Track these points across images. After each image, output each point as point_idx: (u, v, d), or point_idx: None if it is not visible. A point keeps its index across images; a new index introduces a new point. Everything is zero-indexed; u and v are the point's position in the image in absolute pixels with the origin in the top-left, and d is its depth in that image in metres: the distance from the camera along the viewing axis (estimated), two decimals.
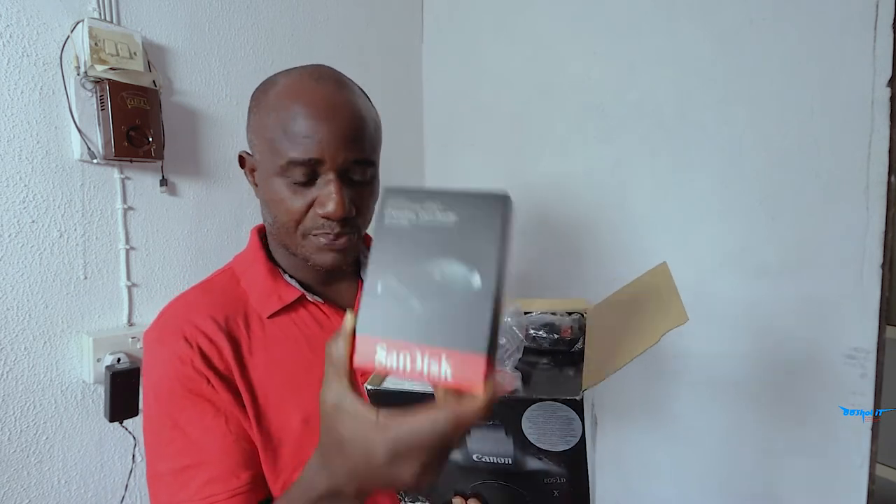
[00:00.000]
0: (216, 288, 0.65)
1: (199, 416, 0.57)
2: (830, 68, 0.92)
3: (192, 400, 0.57)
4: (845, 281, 0.92)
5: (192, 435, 0.56)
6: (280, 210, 0.60)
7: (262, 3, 1.17)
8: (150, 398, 0.59)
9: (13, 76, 0.84)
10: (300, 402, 0.60)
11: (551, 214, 1.30)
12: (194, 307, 0.62)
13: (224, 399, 0.58)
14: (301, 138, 0.56)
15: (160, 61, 1.00)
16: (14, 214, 0.85)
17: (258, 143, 0.61)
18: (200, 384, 0.57)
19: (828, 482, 0.96)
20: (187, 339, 0.58)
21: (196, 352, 0.58)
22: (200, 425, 0.57)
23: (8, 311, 0.84)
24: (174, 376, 0.57)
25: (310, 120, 0.56)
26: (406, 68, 1.53)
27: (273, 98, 0.59)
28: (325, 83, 0.59)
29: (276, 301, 0.63)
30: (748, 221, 1.02)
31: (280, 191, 0.59)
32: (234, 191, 1.13)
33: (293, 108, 0.57)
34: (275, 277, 0.65)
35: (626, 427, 1.20)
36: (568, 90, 1.25)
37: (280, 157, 0.57)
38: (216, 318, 0.61)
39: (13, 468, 0.85)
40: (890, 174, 0.88)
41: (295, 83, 0.59)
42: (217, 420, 0.57)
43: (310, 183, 0.58)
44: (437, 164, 1.57)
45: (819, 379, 0.96)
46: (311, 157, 0.56)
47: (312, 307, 0.65)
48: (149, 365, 0.61)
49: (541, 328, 0.63)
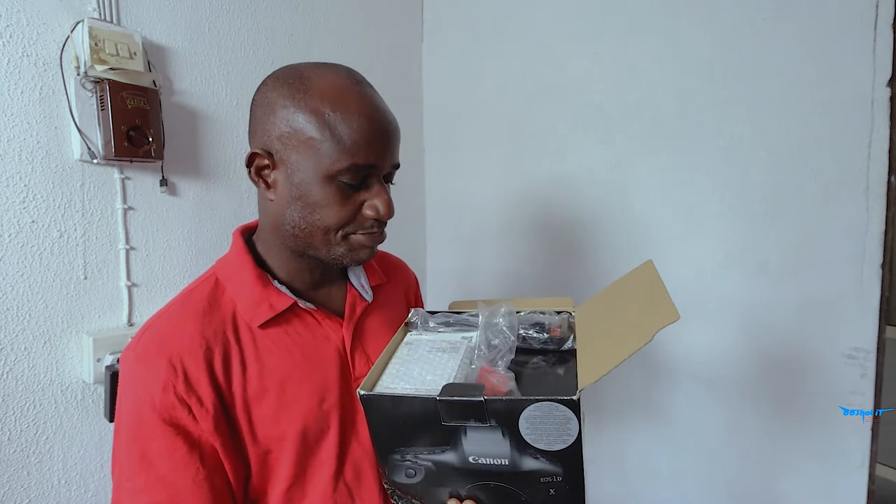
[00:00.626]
0: (200, 300, 0.61)
1: (170, 450, 0.54)
2: (830, 68, 0.92)
3: (165, 431, 0.54)
4: (845, 281, 0.92)
5: (160, 470, 0.53)
6: (328, 213, 0.57)
7: (262, 3, 1.17)
8: (122, 422, 0.56)
9: (13, 76, 0.84)
10: (295, 414, 0.59)
11: (551, 214, 1.30)
12: (179, 322, 0.58)
13: (204, 429, 0.55)
14: (362, 144, 0.56)
15: (160, 61, 1.00)
16: (14, 214, 0.85)
17: (296, 142, 0.56)
18: (180, 413, 0.54)
19: (828, 482, 0.96)
20: (171, 362, 0.55)
21: (180, 376, 0.55)
22: (171, 461, 0.54)
23: (8, 311, 0.84)
24: (150, 403, 0.54)
25: (367, 126, 0.56)
26: (406, 68, 1.53)
27: (317, 98, 0.56)
28: (366, 88, 0.59)
29: (266, 309, 0.60)
30: (748, 221, 1.02)
31: (329, 193, 0.57)
32: (234, 191, 1.13)
33: (347, 112, 0.55)
34: (264, 284, 0.62)
35: (626, 427, 1.20)
36: (568, 90, 1.25)
37: (333, 160, 0.55)
38: (204, 334, 0.57)
39: (13, 468, 0.85)
40: (890, 174, 0.88)
41: (339, 85, 0.57)
42: (191, 456, 0.54)
43: (357, 186, 0.58)
44: (437, 164, 1.57)
45: (819, 379, 0.96)
46: (371, 163, 0.57)
47: (304, 314, 0.63)
48: (125, 385, 0.57)
49: (530, 328, 0.63)
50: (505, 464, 0.52)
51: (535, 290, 1.35)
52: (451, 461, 0.53)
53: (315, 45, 1.27)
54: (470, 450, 0.52)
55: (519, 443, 0.50)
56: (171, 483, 0.53)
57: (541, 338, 0.62)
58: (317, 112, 0.55)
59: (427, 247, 1.59)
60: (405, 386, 0.55)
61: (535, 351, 0.63)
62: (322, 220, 0.58)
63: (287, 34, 1.22)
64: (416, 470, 0.55)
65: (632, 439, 1.20)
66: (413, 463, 0.55)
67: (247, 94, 1.14)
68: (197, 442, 0.55)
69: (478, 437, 0.51)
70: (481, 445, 0.52)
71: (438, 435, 0.52)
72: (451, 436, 0.52)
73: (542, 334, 0.63)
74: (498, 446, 0.51)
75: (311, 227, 0.59)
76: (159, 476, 0.53)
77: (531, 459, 0.51)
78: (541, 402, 0.48)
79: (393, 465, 0.56)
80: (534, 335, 0.63)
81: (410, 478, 0.56)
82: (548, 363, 0.60)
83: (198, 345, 0.57)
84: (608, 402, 1.21)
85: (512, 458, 0.51)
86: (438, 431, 0.52)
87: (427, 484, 0.56)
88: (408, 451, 0.54)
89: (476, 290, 1.47)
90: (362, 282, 0.71)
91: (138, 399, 0.55)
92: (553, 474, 0.51)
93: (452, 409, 0.50)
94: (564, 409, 0.48)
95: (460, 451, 0.53)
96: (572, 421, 0.48)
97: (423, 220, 1.59)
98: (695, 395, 1.11)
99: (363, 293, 0.69)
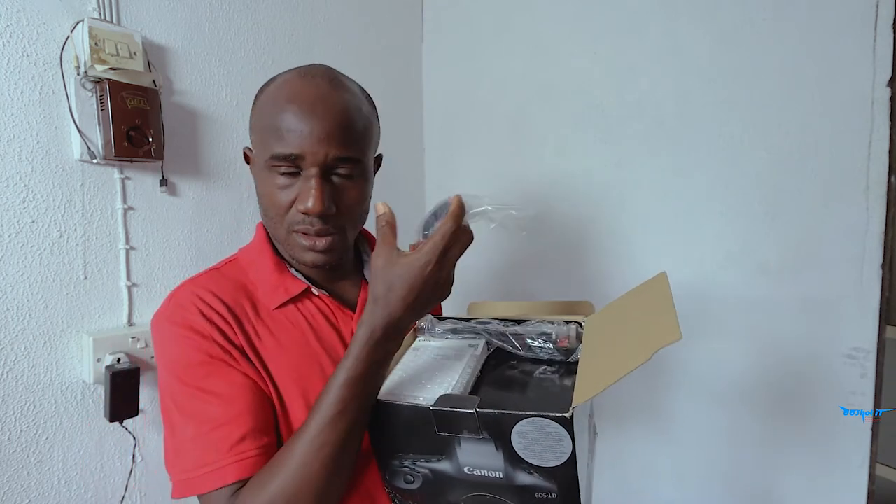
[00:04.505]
0: (226, 275, 0.66)
1: (225, 376, 0.57)
2: (830, 68, 0.92)
3: (216, 365, 0.57)
4: (845, 281, 0.92)
5: (223, 394, 0.56)
6: (267, 203, 0.62)
7: (262, 3, 1.17)
8: (171, 376, 0.59)
9: (13, 76, 0.84)
10: (304, 389, 0.61)
11: (551, 214, 1.30)
12: (206, 288, 0.62)
13: (246, 369, 0.59)
14: (285, 133, 0.58)
15: (160, 61, 1.00)
16: (14, 214, 0.85)
17: (254, 137, 0.64)
18: (222, 354, 0.58)
19: (828, 482, 0.96)
20: (204, 315, 0.59)
21: (214, 327, 0.59)
22: (228, 384, 0.57)
23: (8, 311, 0.84)
24: (194, 347, 0.58)
25: (293, 115, 0.57)
26: (406, 68, 1.53)
27: (266, 95, 0.62)
28: (313, 80, 0.60)
29: (282, 293, 0.65)
30: (748, 221, 1.02)
31: (267, 184, 0.61)
32: (234, 191, 1.13)
33: (280, 104, 0.59)
34: (281, 270, 0.66)
35: (626, 428, 1.20)
36: (568, 90, 1.25)
37: (267, 150, 0.59)
38: (226, 301, 0.61)
39: (13, 468, 0.85)
40: (890, 174, 0.88)
41: (286, 80, 0.61)
42: (245, 379, 0.58)
43: (293, 179, 0.60)
44: (438, 164, 1.57)
45: (819, 379, 0.96)
46: (293, 153, 0.58)
47: (317, 300, 0.67)
48: (164, 344, 0.60)
49: (537, 338, 0.62)
50: (499, 476, 0.51)
51: (535, 290, 1.35)
52: (447, 470, 0.53)
53: (315, 45, 1.27)
54: (465, 460, 0.52)
55: (512, 457, 0.49)
56: (234, 404, 0.56)
57: (547, 348, 0.61)
58: (264, 105, 0.62)
59: None
60: (406, 393, 0.55)
61: (543, 361, 0.62)
62: (266, 210, 0.63)
63: (287, 34, 1.22)
64: (415, 476, 0.55)
65: (631, 439, 1.20)
66: (411, 469, 0.55)
67: (247, 94, 1.14)
68: (243, 372, 0.59)
69: (472, 449, 0.51)
70: (475, 457, 0.51)
71: (434, 444, 0.52)
72: (446, 445, 0.52)
73: (549, 344, 0.61)
74: (491, 459, 0.51)
75: (265, 218, 0.65)
76: (223, 400, 0.56)
77: (525, 474, 0.50)
78: (532, 417, 0.47)
79: (392, 470, 0.56)
80: (540, 345, 0.62)
81: (409, 484, 0.56)
82: (554, 374, 0.59)
83: (222, 308, 0.61)
84: (608, 402, 1.21)
85: (506, 471, 0.51)
86: (434, 440, 0.52)
87: (425, 491, 0.56)
88: (406, 457, 0.55)
89: (476, 290, 1.47)
90: None
91: (182, 349, 0.58)
92: (548, 490, 0.50)
93: (445, 420, 0.50)
94: (557, 426, 0.47)
95: (455, 461, 0.52)
96: (565, 438, 0.47)
97: None
98: (694, 395, 1.11)
99: None
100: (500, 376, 0.60)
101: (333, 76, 0.62)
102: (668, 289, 0.58)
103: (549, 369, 0.60)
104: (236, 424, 0.55)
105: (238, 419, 0.55)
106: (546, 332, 0.63)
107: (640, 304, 0.61)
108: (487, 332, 0.65)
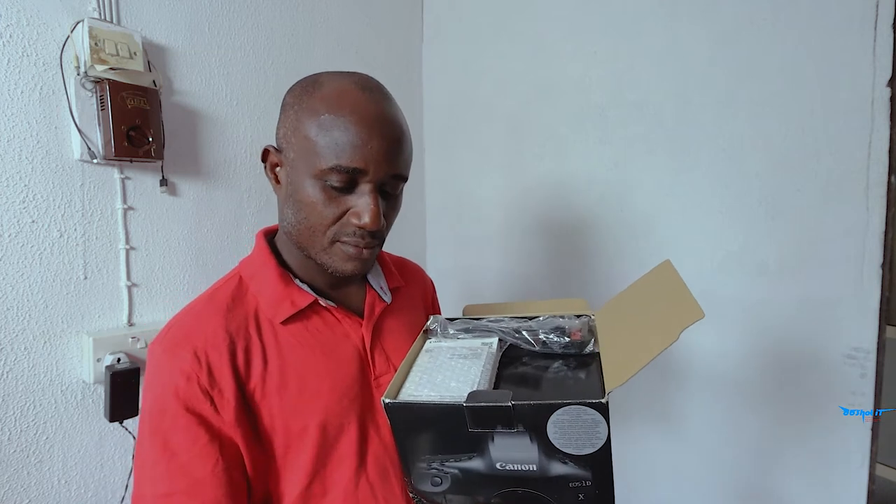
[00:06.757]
0: (224, 296, 0.63)
1: (192, 440, 0.55)
2: (830, 68, 0.92)
3: (188, 421, 0.55)
4: (845, 281, 0.92)
5: (181, 458, 0.55)
6: (312, 212, 0.59)
7: (262, 3, 1.17)
8: (146, 414, 0.58)
9: (13, 76, 0.84)
10: (316, 408, 0.60)
11: (552, 214, 1.30)
12: (204, 317, 0.60)
13: (226, 421, 0.56)
14: (348, 146, 0.56)
15: (160, 61, 1.00)
16: (14, 214, 0.85)
17: (295, 141, 0.59)
18: (202, 404, 0.56)
19: (828, 482, 0.96)
20: (196, 354, 0.57)
21: (204, 368, 0.57)
22: (192, 450, 0.55)
23: (8, 311, 0.84)
24: (174, 393, 0.56)
25: (359, 129, 0.56)
26: (406, 68, 1.54)
27: (318, 100, 0.58)
28: (373, 94, 0.59)
29: (288, 306, 0.63)
30: (748, 221, 1.02)
31: (314, 193, 0.58)
32: (234, 190, 1.13)
33: (341, 114, 0.56)
34: (286, 282, 0.64)
35: (627, 427, 1.20)
36: (568, 90, 1.25)
37: (320, 160, 0.57)
38: (228, 328, 0.60)
39: (13, 468, 0.85)
40: (890, 174, 0.88)
41: (345, 91, 0.58)
42: (211, 446, 0.55)
43: (346, 190, 0.58)
44: (437, 164, 1.57)
45: (819, 379, 0.96)
46: (356, 167, 0.56)
47: (324, 312, 0.65)
48: (151, 376, 0.59)
49: (551, 332, 0.63)
50: (533, 469, 0.51)
51: (535, 290, 1.35)
52: (478, 468, 0.53)
53: (315, 45, 1.28)
54: (497, 456, 0.52)
55: (547, 448, 0.49)
56: (191, 472, 0.55)
57: (561, 342, 0.62)
58: (315, 112, 0.58)
59: (427, 247, 1.59)
60: (430, 393, 0.55)
61: (556, 355, 0.62)
62: (307, 219, 0.60)
63: (287, 34, 1.22)
64: (443, 478, 0.55)
65: (631, 439, 1.20)
66: (439, 471, 0.54)
67: (247, 94, 1.15)
68: (218, 433, 0.56)
69: (505, 444, 0.51)
70: (508, 451, 0.51)
71: (465, 442, 0.52)
72: (478, 442, 0.51)
73: (563, 338, 0.62)
74: (525, 452, 0.50)
75: (300, 225, 0.61)
76: (180, 464, 0.55)
77: (560, 464, 0.50)
78: (569, 405, 0.48)
79: (419, 474, 0.55)
80: (554, 339, 0.62)
81: (437, 486, 0.55)
82: (569, 367, 0.59)
83: (221, 339, 0.59)
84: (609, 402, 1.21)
85: (540, 463, 0.51)
86: (465, 438, 0.51)
87: (454, 491, 0.55)
88: (434, 458, 0.54)
89: (476, 290, 1.47)
90: (381, 283, 0.73)
91: (163, 389, 0.57)
92: (582, 479, 0.50)
93: (479, 416, 0.50)
94: (593, 413, 0.47)
95: (487, 458, 0.52)
96: (601, 424, 0.48)
97: (423, 220, 1.59)
98: (694, 395, 1.11)
99: (382, 294, 0.71)
100: (515, 373, 0.60)
101: (386, 92, 0.62)
102: (677, 274, 0.58)
103: (562, 363, 0.61)
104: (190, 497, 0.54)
105: (193, 492, 0.54)
106: (559, 325, 0.63)
107: (652, 291, 0.62)
108: (501, 330, 0.65)
